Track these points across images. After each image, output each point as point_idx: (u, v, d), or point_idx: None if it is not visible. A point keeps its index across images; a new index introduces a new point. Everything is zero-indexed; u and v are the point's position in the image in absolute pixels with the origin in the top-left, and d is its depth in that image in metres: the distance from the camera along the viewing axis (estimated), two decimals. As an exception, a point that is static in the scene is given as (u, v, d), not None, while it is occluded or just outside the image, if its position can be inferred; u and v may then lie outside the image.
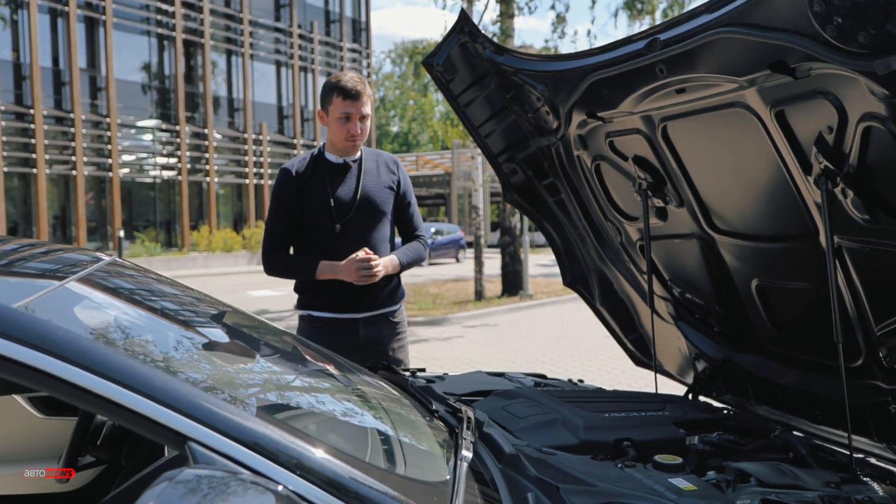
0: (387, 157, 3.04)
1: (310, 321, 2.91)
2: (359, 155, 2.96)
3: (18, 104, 24.23)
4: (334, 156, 2.93)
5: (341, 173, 2.91)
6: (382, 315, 2.91)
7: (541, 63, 2.34)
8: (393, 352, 2.94)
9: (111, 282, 1.61)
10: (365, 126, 2.87)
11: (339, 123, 2.83)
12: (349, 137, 2.84)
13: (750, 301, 2.19)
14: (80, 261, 1.69)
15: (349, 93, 2.81)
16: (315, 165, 2.92)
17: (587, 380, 6.95)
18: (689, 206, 2.18)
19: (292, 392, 1.47)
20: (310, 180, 2.88)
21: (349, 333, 2.85)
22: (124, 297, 1.59)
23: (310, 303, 2.91)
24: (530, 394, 1.92)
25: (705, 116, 1.92)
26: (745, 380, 2.32)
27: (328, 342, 2.83)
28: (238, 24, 30.73)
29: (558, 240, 2.83)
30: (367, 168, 2.94)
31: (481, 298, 13.88)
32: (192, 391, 1.06)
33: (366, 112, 2.85)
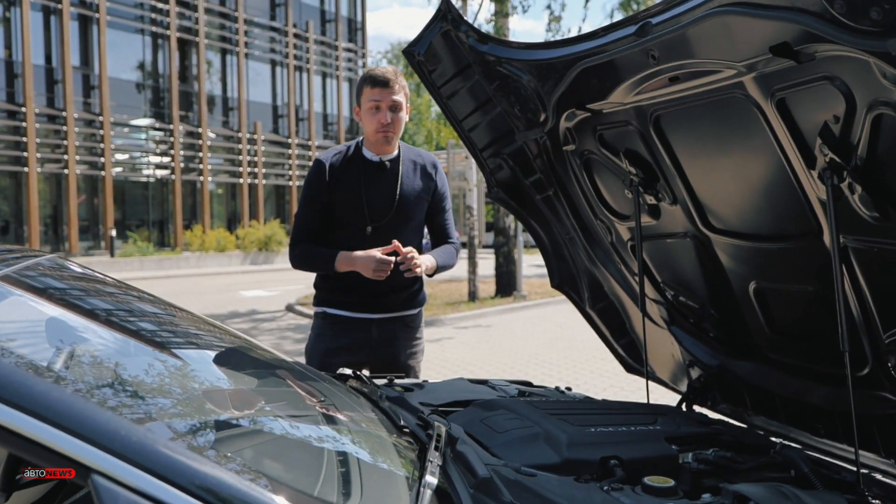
0: (427, 159, 2.93)
1: (323, 317, 2.84)
2: (396, 153, 2.85)
3: (10, 102, 24.04)
4: (371, 153, 2.82)
5: (378, 173, 2.80)
6: (398, 318, 2.83)
7: (526, 51, 2.20)
8: (404, 357, 2.84)
9: (37, 281, 1.46)
10: (398, 118, 2.76)
11: (369, 114, 2.74)
12: (380, 128, 2.73)
13: (747, 305, 2.05)
14: (10, 258, 1.54)
15: (378, 80, 2.72)
16: (351, 161, 2.82)
17: (580, 383, 6.87)
18: (682, 203, 2.04)
19: (233, 410, 1.32)
20: (343, 176, 2.79)
21: (361, 332, 2.77)
22: (46, 298, 1.44)
23: (325, 299, 2.84)
24: (512, 405, 1.79)
25: (701, 107, 1.78)
26: (741, 388, 2.19)
27: (340, 340, 2.74)
28: (233, 23, 30.56)
29: (546, 239, 2.69)
30: (405, 169, 2.84)
31: (475, 299, 13.74)
32: (100, 413, 0.91)
33: (397, 100, 2.74)
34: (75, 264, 1.90)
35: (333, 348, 2.76)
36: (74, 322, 1.40)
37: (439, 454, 1.29)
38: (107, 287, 1.80)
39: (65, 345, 1.25)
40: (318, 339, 2.82)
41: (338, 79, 36.59)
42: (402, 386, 2.23)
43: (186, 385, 1.37)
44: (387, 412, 1.52)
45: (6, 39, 24.20)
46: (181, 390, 1.34)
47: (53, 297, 1.49)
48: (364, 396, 1.70)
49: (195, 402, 1.31)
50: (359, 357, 2.76)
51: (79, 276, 1.79)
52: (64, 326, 1.32)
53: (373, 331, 2.78)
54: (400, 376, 2.45)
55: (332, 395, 1.60)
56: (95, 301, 1.64)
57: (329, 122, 36.50)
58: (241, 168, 30.61)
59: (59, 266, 1.75)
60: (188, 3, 28.77)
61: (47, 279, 1.54)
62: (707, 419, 1.96)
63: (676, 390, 2.50)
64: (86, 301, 1.59)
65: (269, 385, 1.60)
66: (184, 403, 1.24)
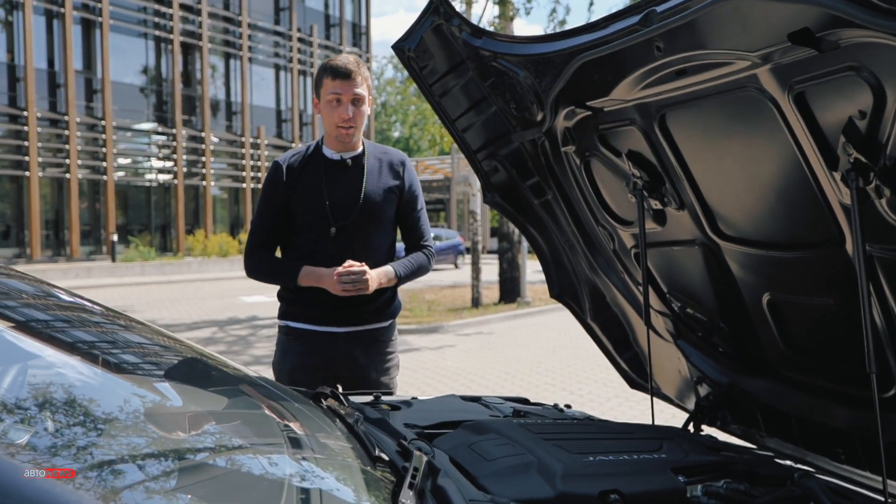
0: (394, 156, 2.74)
1: (286, 332, 2.65)
2: (360, 150, 2.67)
3: (12, 106, 24.00)
4: (332, 151, 2.64)
5: (339, 171, 2.62)
6: (368, 332, 2.63)
7: (523, 45, 2.05)
8: (377, 374, 2.65)
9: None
10: (360, 111, 2.58)
11: (329, 108, 2.56)
12: (341, 123, 2.55)
13: (760, 318, 1.90)
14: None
15: (338, 71, 2.53)
16: (309, 160, 2.65)
17: (583, 393, 6.71)
18: (690, 208, 1.89)
19: (171, 439, 1.16)
20: (302, 176, 2.61)
21: (329, 349, 2.58)
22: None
23: (289, 311, 2.66)
24: (503, 428, 1.63)
25: (710, 102, 1.63)
26: (753, 408, 2.03)
27: (306, 357, 2.57)
28: (237, 27, 30.52)
29: (545, 246, 2.54)
30: (371, 166, 2.66)
31: (478, 305, 13.60)
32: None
33: (359, 93, 2.55)
34: (15, 271, 1.75)
35: (299, 366, 2.58)
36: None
37: (414, 493, 1.14)
38: (55, 298, 1.66)
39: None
40: (283, 356, 2.65)
41: (341, 83, 36.42)
42: (388, 404, 2.08)
43: (104, 407, 1.21)
44: (362, 438, 1.37)
45: (8, 43, 24.16)
46: (100, 412, 1.19)
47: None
48: (339, 418, 1.55)
49: (118, 428, 1.16)
50: (325, 375, 2.54)
51: (25, 285, 1.64)
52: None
53: (339, 346, 2.59)
54: (387, 393, 2.30)
55: (298, 418, 1.45)
56: (24, 311, 1.49)
57: (333, 127, 36.32)
58: (245, 173, 30.53)
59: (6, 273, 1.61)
60: (191, 7, 28.73)
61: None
62: (717, 443, 1.80)
63: (683, 408, 2.35)
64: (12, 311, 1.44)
65: (221, 406, 1.44)
66: (101, 429, 1.09)
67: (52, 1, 24.64)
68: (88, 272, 22.55)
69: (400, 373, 2.86)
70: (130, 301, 16.12)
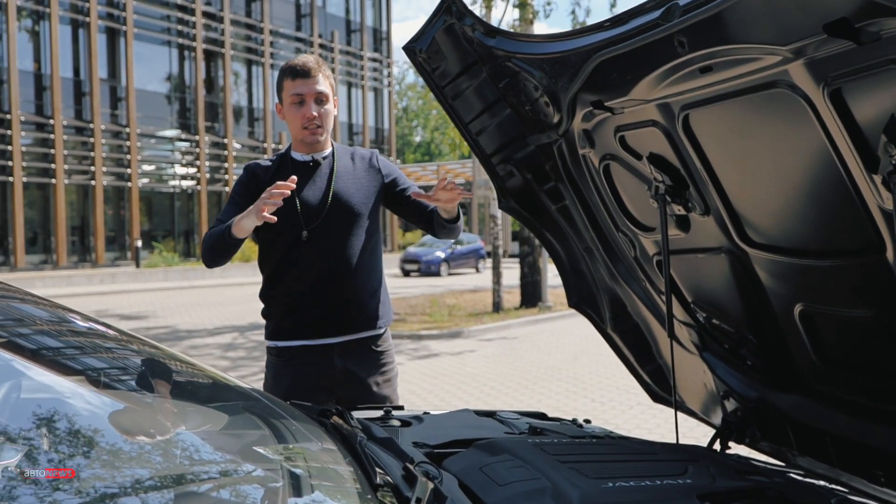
0: (363, 152, 2.65)
1: (276, 353, 2.50)
2: (329, 151, 2.58)
3: (39, 114, 24.28)
4: (300, 154, 2.56)
5: (309, 172, 2.52)
6: (362, 341, 2.50)
7: (538, 45, 1.96)
8: (377, 386, 2.51)
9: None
10: (324, 111, 2.49)
11: (292, 109, 2.47)
12: (306, 123, 2.46)
13: (792, 330, 1.79)
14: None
15: (298, 71, 2.45)
16: (280, 165, 2.55)
17: (605, 400, 6.57)
18: (716, 213, 1.78)
19: (160, 463, 1.08)
20: (273, 180, 2.48)
21: (323, 365, 2.45)
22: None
23: (277, 330, 2.51)
24: (517, 449, 1.54)
25: (737, 102, 1.53)
26: (785, 425, 1.92)
27: (300, 379, 2.45)
28: (258, 34, 30.68)
29: (562, 253, 2.44)
30: (341, 165, 2.56)
31: (499, 310, 13.49)
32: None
33: (321, 91, 2.47)
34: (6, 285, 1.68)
35: (295, 387, 2.42)
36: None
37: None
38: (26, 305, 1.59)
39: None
40: (276, 379, 2.50)
41: (363, 89, 36.58)
42: (399, 419, 1.99)
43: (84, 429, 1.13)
44: (363, 463, 1.28)
45: (35, 52, 24.46)
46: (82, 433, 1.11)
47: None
48: (342, 438, 1.46)
49: (102, 451, 1.08)
50: (324, 395, 2.45)
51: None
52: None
53: (335, 359, 2.46)
54: (399, 408, 2.21)
55: (298, 440, 1.37)
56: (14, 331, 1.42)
57: (354, 132, 36.48)
58: (267, 178, 30.60)
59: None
60: (214, 15, 28.92)
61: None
62: (746, 465, 1.69)
63: (710, 423, 2.24)
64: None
65: (217, 426, 1.36)
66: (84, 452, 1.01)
67: (78, 10, 24.91)
68: (113, 278, 22.72)
69: (419, 379, 2.75)
70: (153, 306, 16.19)
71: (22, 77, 23.76)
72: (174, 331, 12.24)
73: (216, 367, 8.74)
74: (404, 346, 10.33)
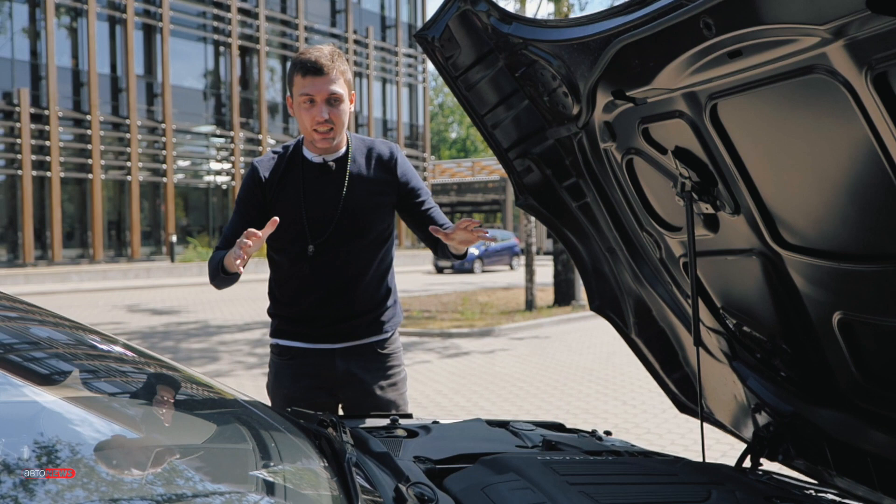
0: (381, 149, 2.38)
1: (278, 352, 2.39)
2: (343, 151, 2.35)
3: (76, 110, 24.64)
4: (312, 153, 2.33)
5: (321, 177, 2.31)
6: (367, 346, 2.37)
7: (556, 31, 1.83)
8: (381, 390, 2.36)
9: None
10: (338, 112, 2.23)
11: (302, 109, 2.23)
12: (315, 126, 2.22)
13: (830, 340, 1.64)
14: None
15: (309, 67, 2.19)
16: (289, 165, 2.33)
17: (636, 403, 6.40)
18: (747, 212, 1.64)
19: (127, 480, 0.98)
20: (281, 186, 2.31)
21: (324, 367, 2.33)
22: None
23: (279, 329, 2.41)
24: (525, 467, 1.41)
25: (770, 90, 1.38)
26: (822, 442, 1.77)
27: (301, 379, 2.35)
28: (293, 30, 30.80)
29: (584, 254, 2.31)
30: (356, 169, 2.33)
31: (532, 308, 13.33)
32: None
33: (334, 91, 2.21)
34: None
35: (295, 388, 2.33)
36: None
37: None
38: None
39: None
40: (276, 378, 2.39)
41: (397, 85, 36.57)
42: (406, 429, 1.88)
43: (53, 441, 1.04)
44: (348, 485, 1.17)
45: (73, 49, 24.81)
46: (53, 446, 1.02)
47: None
48: (331, 453, 1.35)
49: (73, 463, 0.98)
50: (325, 396, 2.33)
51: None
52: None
53: (336, 363, 2.32)
54: (408, 416, 2.09)
55: (278, 455, 1.26)
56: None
57: (388, 129, 36.49)
58: (301, 174, 30.76)
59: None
60: (249, 11, 29.08)
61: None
62: (777, 487, 1.54)
63: (740, 437, 2.09)
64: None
65: (196, 440, 1.25)
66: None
67: (115, 7, 25.21)
68: (148, 272, 22.97)
69: (447, 379, 2.62)
70: (186, 301, 16.31)
71: (60, 73, 24.12)
72: (205, 326, 12.28)
73: (244, 363, 8.74)
74: (433, 345, 10.23)
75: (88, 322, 9.65)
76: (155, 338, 10.96)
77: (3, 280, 20.35)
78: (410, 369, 8.02)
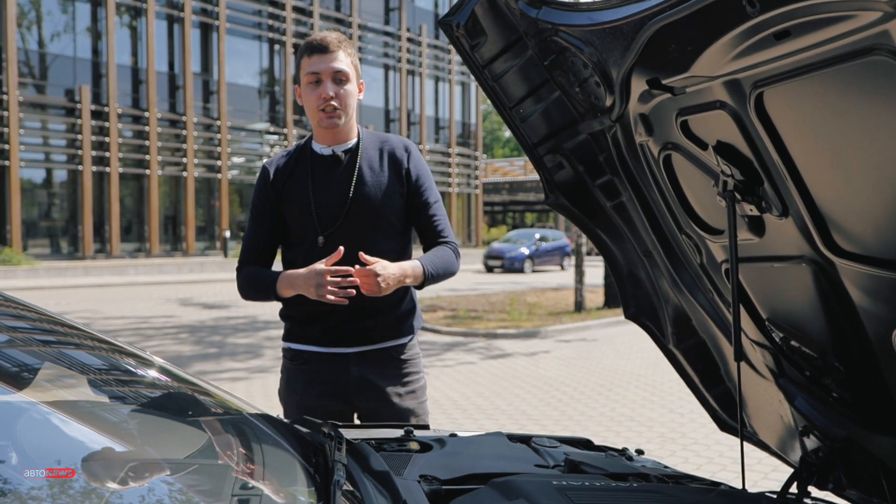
0: (395, 143, 2.33)
1: (290, 356, 2.31)
2: (354, 142, 2.30)
3: (135, 107, 25.15)
4: (321, 145, 2.29)
5: (330, 168, 2.27)
6: (383, 350, 2.26)
7: (587, 14, 1.68)
8: (398, 398, 2.25)
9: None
10: (343, 91, 2.21)
11: (309, 90, 2.22)
12: (321, 103, 2.19)
13: (889, 359, 1.46)
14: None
15: (315, 47, 2.20)
16: (299, 159, 2.30)
17: (683, 412, 6.17)
18: (796, 215, 1.47)
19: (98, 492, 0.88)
20: (290, 179, 2.27)
21: (338, 372, 2.22)
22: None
23: (291, 332, 2.32)
24: (536, 494, 1.27)
25: (823, 75, 1.22)
26: (878, 472, 1.59)
27: (314, 386, 2.24)
28: (347, 28, 30.96)
29: (619, 257, 2.15)
30: (366, 160, 2.28)
31: (581, 310, 13.11)
32: None
33: (339, 68, 2.20)
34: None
35: (307, 395, 2.24)
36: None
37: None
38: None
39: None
40: (288, 384, 2.31)
41: (450, 83, 36.51)
42: (419, 441, 1.75)
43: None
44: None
45: (132, 47, 25.34)
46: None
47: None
48: (321, 474, 1.23)
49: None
50: (340, 404, 2.24)
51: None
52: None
53: (351, 369, 2.23)
54: (424, 427, 1.97)
55: (262, 475, 1.14)
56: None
57: (441, 127, 36.46)
58: (353, 171, 30.94)
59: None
60: (304, 10, 29.34)
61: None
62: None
63: (786, 461, 1.91)
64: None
65: (176, 454, 1.14)
66: None
67: (173, 6, 25.66)
68: (202, 267, 23.34)
69: (490, 381, 2.48)
70: (236, 296, 16.45)
71: (120, 71, 24.67)
72: (253, 321, 12.37)
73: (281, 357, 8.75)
74: (476, 345, 10.09)
75: (142, 315, 9.75)
76: (203, 331, 11.06)
77: (64, 272, 20.89)
78: (452, 370, 7.90)
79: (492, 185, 43.08)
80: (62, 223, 24.73)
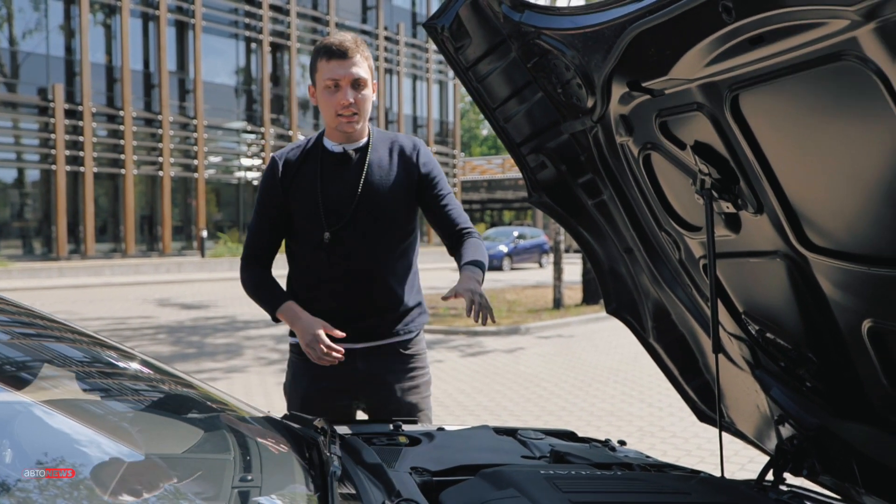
0: (404, 141, 2.37)
1: (297, 352, 2.33)
2: (365, 141, 2.34)
3: (110, 106, 24.92)
4: (333, 142, 2.32)
5: (339, 165, 2.30)
6: (390, 346, 2.30)
7: (570, 18, 1.74)
8: (403, 392, 2.29)
9: None
10: (362, 97, 2.24)
11: (326, 94, 2.23)
12: (340, 110, 2.21)
13: (859, 349, 1.52)
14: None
15: (334, 51, 2.20)
16: (309, 154, 2.32)
17: (662, 406, 6.26)
18: (770, 212, 1.53)
19: (97, 490, 0.91)
20: (299, 173, 2.30)
21: (344, 367, 2.23)
22: None
23: None
24: (526, 483, 1.32)
25: (795, 79, 1.28)
26: (850, 458, 1.65)
27: (320, 381, 2.28)
28: (324, 27, 30.88)
29: (601, 254, 2.20)
30: (376, 158, 2.31)
31: (559, 306, 13.20)
32: None
33: (359, 75, 2.21)
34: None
35: (313, 390, 2.28)
36: None
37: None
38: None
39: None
40: (294, 378, 2.34)
41: (428, 81, 36.53)
42: (408, 435, 1.80)
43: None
44: (329, 501, 1.09)
45: (107, 45, 25.09)
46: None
47: None
48: (318, 467, 1.27)
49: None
50: (345, 399, 2.28)
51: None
52: None
53: (357, 364, 2.26)
54: (411, 421, 2.01)
55: (259, 469, 1.18)
56: None
57: (418, 125, 36.47)
58: (330, 170, 30.87)
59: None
60: (281, 8, 29.21)
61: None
62: None
63: (763, 449, 1.98)
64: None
65: (168, 444, 1.18)
66: None
67: (148, 4, 25.45)
68: (179, 267, 23.17)
69: (471, 377, 2.53)
70: (215, 296, 16.39)
71: (94, 70, 24.41)
72: (232, 321, 12.33)
73: (265, 359, 8.74)
74: (457, 342, 10.14)
75: (119, 316, 9.66)
76: (182, 332, 11.01)
77: (38, 273, 20.66)
78: (434, 367, 7.94)
79: (470, 184, 43.17)
80: (35, 224, 24.45)
